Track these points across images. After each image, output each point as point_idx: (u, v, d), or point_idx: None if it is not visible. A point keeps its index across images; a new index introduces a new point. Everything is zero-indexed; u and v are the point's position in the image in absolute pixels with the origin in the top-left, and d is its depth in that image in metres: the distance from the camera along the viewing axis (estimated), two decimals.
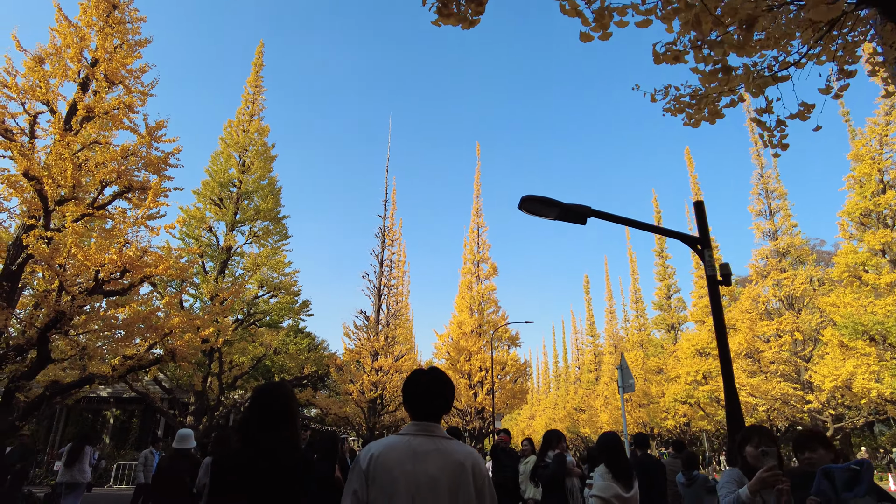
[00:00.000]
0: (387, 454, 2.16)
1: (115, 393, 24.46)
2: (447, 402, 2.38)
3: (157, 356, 10.93)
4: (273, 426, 2.62)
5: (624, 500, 3.80)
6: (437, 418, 2.32)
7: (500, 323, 31.39)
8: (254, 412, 2.65)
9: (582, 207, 3.88)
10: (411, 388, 2.37)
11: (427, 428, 2.24)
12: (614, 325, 52.88)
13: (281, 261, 21.32)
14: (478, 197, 35.20)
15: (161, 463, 5.77)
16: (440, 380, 2.37)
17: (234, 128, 23.65)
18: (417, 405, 2.30)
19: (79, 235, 9.83)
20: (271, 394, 2.69)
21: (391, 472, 2.11)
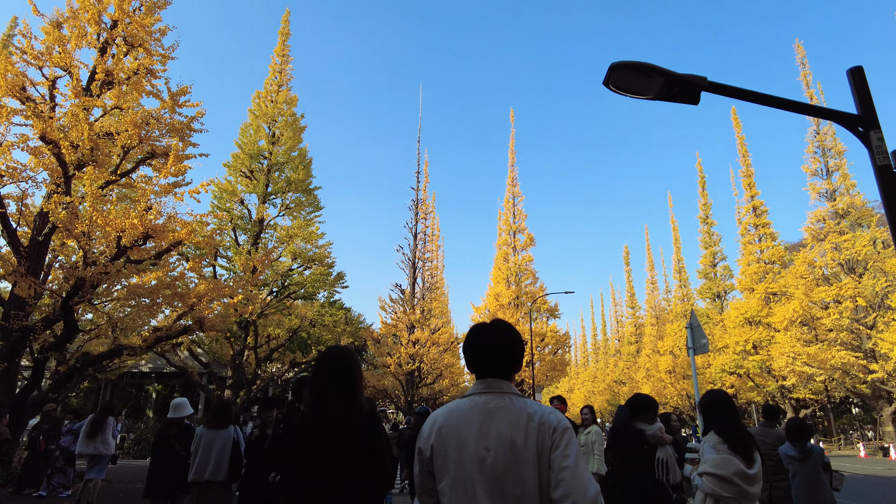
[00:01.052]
0: (451, 418, 1.90)
1: (156, 368, 24.63)
2: (515, 355, 2.03)
3: (184, 326, 10.44)
4: (340, 389, 2.54)
5: (749, 480, 2.80)
6: (506, 375, 1.98)
7: (538, 294, 30.43)
8: (321, 375, 2.56)
9: (695, 78, 2.87)
10: (473, 343, 2.04)
11: (494, 385, 1.93)
12: (656, 295, 51.24)
13: (314, 232, 20.77)
14: (513, 165, 34.02)
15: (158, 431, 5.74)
16: (505, 331, 2.03)
17: (262, 99, 23.03)
18: (481, 361, 1.98)
19: (98, 199, 9.30)
20: (336, 356, 2.61)
21: (458, 435, 1.82)
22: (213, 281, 11.52)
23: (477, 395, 1.92)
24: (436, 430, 1.89)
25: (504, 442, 1.78)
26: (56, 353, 9.99)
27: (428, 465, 1.89)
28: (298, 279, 20.69)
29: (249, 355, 19.91)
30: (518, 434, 1.79)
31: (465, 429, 1.83)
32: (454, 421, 1.88)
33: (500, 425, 1.81)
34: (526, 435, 1.79)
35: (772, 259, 32.99)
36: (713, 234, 40.96)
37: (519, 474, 1.75)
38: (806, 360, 24.90)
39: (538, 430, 1.81)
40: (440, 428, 1.89)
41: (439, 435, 1.88)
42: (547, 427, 1.81)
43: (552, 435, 1.81)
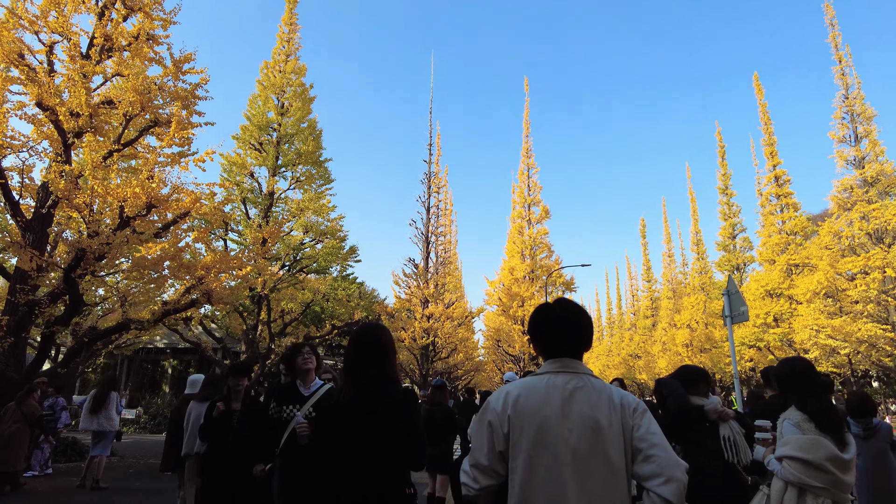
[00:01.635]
0: (529, 396, 1.85)
1: (171, 343, 24.60)
2: (590, 335, 2.01)
3: (192, 299, 10.10)
4: (376, 365, 2.50)
5: (843, 466, 2.33)
6: (578, 355, 1.96)
7: (553, 268, 29.89)
8: (355, 353, 2.53)
9: None
10: (542, 322, 2.00)
11: (569, 365, 1.90)
12: (673, 268, 50.40)
13: (325, 205, 20.35)
14: (527, 136, 33.15)
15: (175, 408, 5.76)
16: (575, 309, 2.00)
17: (270, 69, 22.46)
18: (556, 342, 1.95)
19: (99, 168, 8.90)
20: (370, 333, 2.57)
21: (537, 415, 1.80)
22: (221, 253, 11.15)
23: (552, 375, 1.87)
24: (511, 405, 1.83)
25: (587, 423, 1.75)
26: (62, 327, 9.72)
27: (501, 441, 1.81)
28: (311, 253, 20.34)
29: (263, 330, 19.70)
30: (601, 415, 1.76)
31: (545, 408, 1.78)
32: (533, 399, 1.81)
33: (581, 406, 1.77)
34: (610, 415, 1.76)
35: (794, 230, 32.07)
36: (732, 206, 39.98)
37: (605, 454, 1.73)
38: (830, 333, 24.21)
39: (621, 411, 1.79)
40: (516, 404, 1.82)
41: (516, 411, 1.81)
42: (628, 408, 1.81)
43: (633, 415, 1.79)
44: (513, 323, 29.53)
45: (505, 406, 1.83)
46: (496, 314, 31.44)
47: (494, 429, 1.83)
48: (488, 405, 1.90)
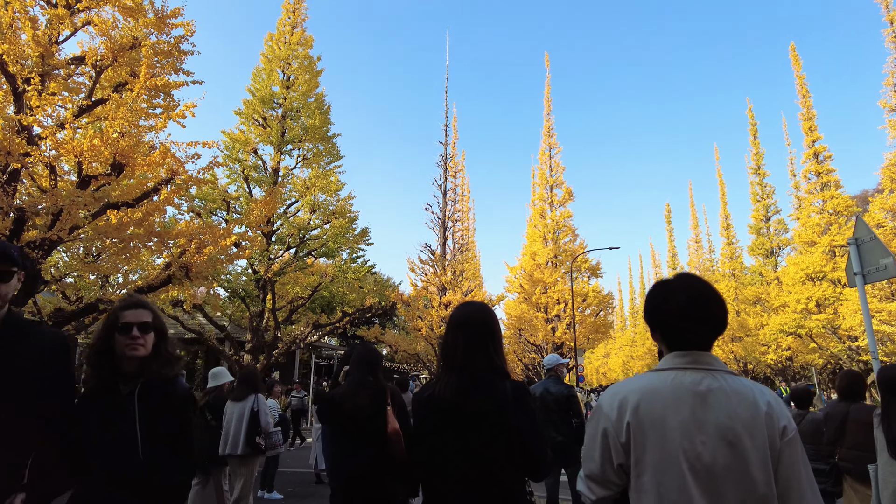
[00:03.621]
0: (651, 400, 1.52)
1: (177, 333, 23.29)
2: (719, 315, 1.60)
3: (167, 275, 8.59)
4: (480, 354, 2.07)
5: None
6: (709, 345, 1.57)
7: (578, 252, 28.03)
8: (454, 338, 2.11)
9: None
10: (663, 305, 1.62)
11: (701, 360, 1.53)
12: (700, 254, 48.16)
13: (333, 182, 18.81)
14: (549, 114, 31.22)
15: None
16: (703, 286, 1.59)
17: (275, 41, 20.91)
18: (677, 328, 1.58)
19: (44, 114, 7.38)
20: (471, 314, 2.14)
21: (662, 423, 1.48)
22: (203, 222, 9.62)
23: (679, 372, 1.54)
24: (630, 411, 1.52)
25: (724, 434, 1.44)
26: (16, 308, 8.26)
27: (620, 454, 1.53)
28: (318, 234, 18.86)
29: (269, 318, 18.29)
30: (742, 424, 1.45)
31: (672, 415, 1.48)
32: (656, 404, 1.52)
33: (717, 413, 1.47)
34: (752, 425, 1.45)
35: (837, 209, 29.74)
36: (766, 186, 37.65)
37: (745, 474, 1.42)
38: (885, 318, 22.06)
39: (767, 422, 1.46)
40: (637, 411, 1.52)
41: (637, 419, 1.51)
42: (776, 422, 1.46)
43: (781, 436, 1.45)
44: (535, 310, 27.79)
45: (621, 412, 1.54)
46: (517, 302, 29.73)
47: (610, 438, 1.55)
48: (600, 410, 1.60)
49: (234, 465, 4.69)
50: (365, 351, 3.09)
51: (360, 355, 3.02)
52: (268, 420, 4.77)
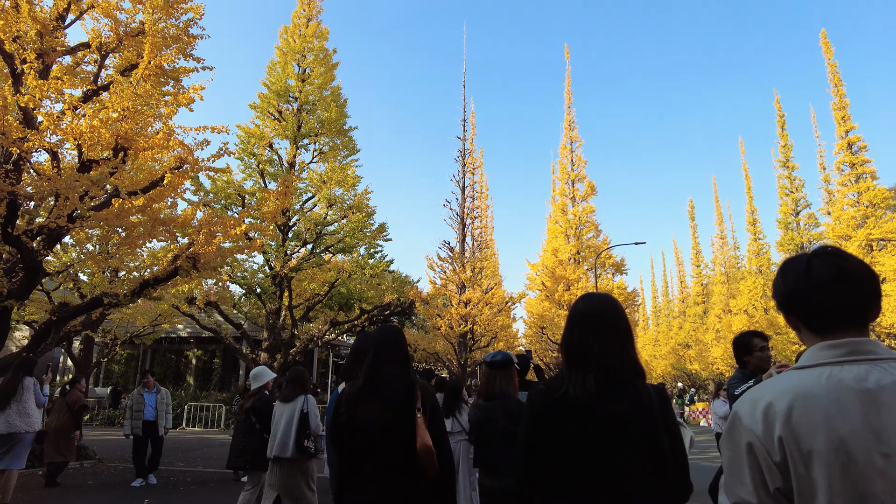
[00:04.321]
0: (805, 405, 1.18)
1: (194, 332, 23.03)
2: (873, 290, 1.28)
3: (174, 267, 8.05)
4: (613, 349, 1.77)
5: None
6: (865, 327, 1.25)
7: (602, 248, 27.16)
8: (583, 330, 1.79)
9: None
10: (803, 281, 1.29)
11: (861, 348, 1.20)
12: (726, 251, 46.83)
13: (350, 176, 18.24)
14: (570, 107, 30.40)
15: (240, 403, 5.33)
16: (846, 256, 1.29)
17: (290, 33, 20.45)
18: (823, 307, 1.27)
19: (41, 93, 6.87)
20: (600, 304, 1.86)
21: (826, 432, 1.14)
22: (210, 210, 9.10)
23: (835, 367, 1.20)
24: (780, 422, 1.18)
25: None
26: (14, 301, 7.79)
27: (776, 476, 1.18)
28: (336, 230, 18.32)
29: (286, 315, 17.79)
30: None
31: (840, 425, 1.14)
32: (815, 411, 1.17)
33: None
34: None
35: (873, 201, 28.43)
36: (795, 179, 36.28)
37: None
38: None
39: None
40: (789, 420, 1.18)
41: (791, 431, 1.18)
42: None
43: None
44: (558, 308, 26.97)
45: (769, 424, 1.20)
46: (538, 300, 28.94)
47: (760, 456, 1.21)
48: (738, 420, 1.27)
49: (285, 467, 4.47)
50: (388, 332, 2.35)
51: (381, 338, 2.30)
52: (318, 422, 4.53)
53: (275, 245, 17.43)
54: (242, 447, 4.96)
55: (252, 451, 4.83)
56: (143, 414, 7.43)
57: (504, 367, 2.95)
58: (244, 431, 5.00)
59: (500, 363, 2.94)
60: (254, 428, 4.89)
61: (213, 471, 8.72)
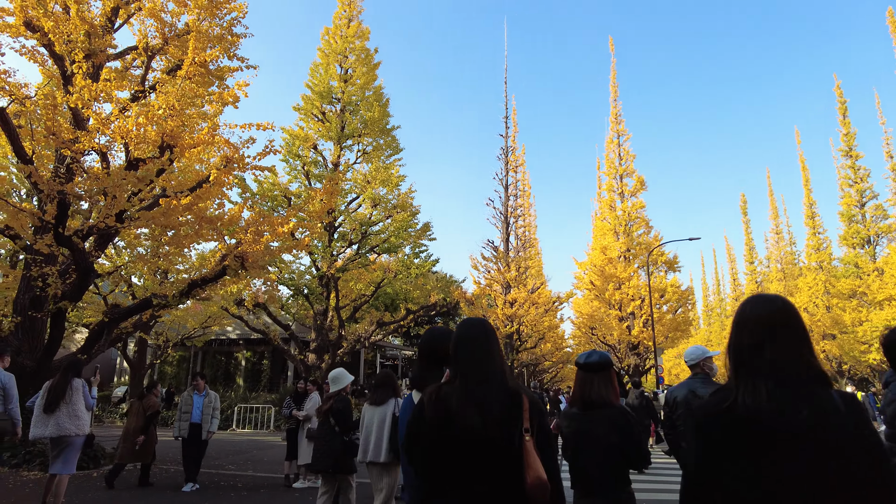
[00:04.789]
0: None
1: (243, 334, 23.25)
2: None
3: (222, 267, 7.87)
4: (789, 350, 1.49)
5: None
6: None
7: (653, 244, 26.07)
8: (749, 327, 1.54)
9: None
10: None
11: None
12: (782, 246, 44.57)
13: (393, 175, 17.98)
14: (615, 100, 29.39)
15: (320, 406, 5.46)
16: None
17: (331, 35, 20.42)
18: None
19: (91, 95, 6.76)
20: (772, 306, 1.55)
21: None
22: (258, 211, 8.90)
23: None
24: None
25: None
26: (69, 302, 7.76)
27: None
28: (381, 230, 18.09)
29: (333, 316, 17.67)
30: None
31: None
32: None
33: None
34: None
35: None
36: (859, 169, 34.11)
37: None
38: None
39: None
40: None
41: None
42: None
43: None
44: (608, 308, 26.06)
45: None
46: (587, 299, 28.06)
47: None
48: None
49: (376, 473, 4.38)
50: (477, 326, 1.84)
51: (470, 334, 1.80)
52: None
53: (321, 246, 17.33)
54: (325, 449, 4.90)
55: (335, 454, 4.80)
56: (190, 416, 7.23)
57: (602, 370, 2.47)
58: (325, 434, 4.96)
59: (598, 365, 2.46)
60: (334, 430, 4.87)
61: (264, 475, 8.49)
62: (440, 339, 2.19)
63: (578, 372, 2.55)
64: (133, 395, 20.50)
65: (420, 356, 2.21)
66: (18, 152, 7.22)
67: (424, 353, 2.20)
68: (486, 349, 1.79)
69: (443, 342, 2.15)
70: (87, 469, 7.84)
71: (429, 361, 2.17)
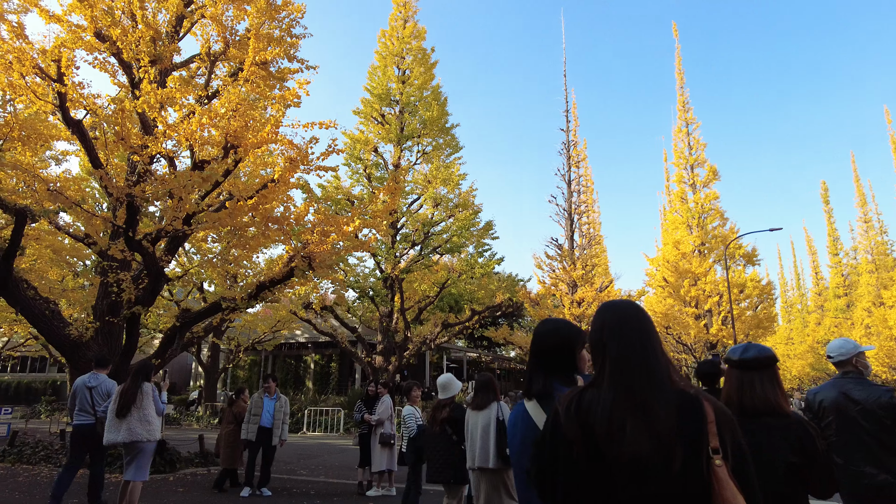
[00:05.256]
0: None
1: (312, 338, 23.50)
2: None
3: (290, 268, 7.68)
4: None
5: None
6: None
7: (730, 237, 24.43)
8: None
9: None
10: None
11: None
12: (871, 236, 41.08)
13: (454, 174, 17.60)
14: (682, 88, 27.87)
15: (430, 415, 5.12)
16: None
17: (388, 37, 20.34)
18: None
19: (159, 98, 6.71)
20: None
21: None
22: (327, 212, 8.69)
23: None
24: None
25: None
26: (142, 307, 7.78)
27: None
28: (443, 230, 17.75)
29: (398, 318, 17.48)
30: None
31: None
32: None
33: None
34: None
35: None
36: None
37: None
38: None
39: None
40: None
41: None
42: None
43: None
44: (682, 305, 24.64)
45: None
46: (660, 297, 26.67)
47: None
48: None
49: (486, 478, 4.16)
50: (626, 308, 1.36)
51: (620, 319, 1.32)
52: None
53: (385, 248, 17.18)
54: (444, 460, 4.79)
55: (454, 464, 4.70)
56: (260, 419, 7.01)
57: (765, 367, 1.89)
58: (443, 443, 4.84)
59: (758, 361, 1.88)
60: (451, 439, 4.77)
61: (336, 481, 8.23)
62: (566, 332, 1.69)
63: (732, 371, 1.98)
64: (207, 398, 21.14)
65: (536, 353, 1.70)
66: (93, 161, 7.31)
67: (544, 350, 1.69)
68: (643, 338, 1.28)
69: (571, 335, 1.65)
70: (164, 473, 7.82)
71: (546, 360, 1.67)
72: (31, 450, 8.68)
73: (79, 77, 7.31)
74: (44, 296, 8.25)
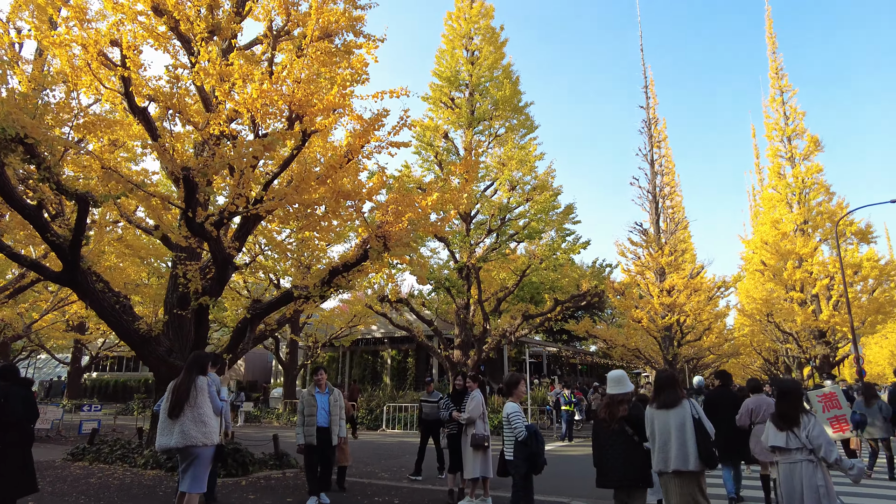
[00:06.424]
0: None
1: (388, 333, 22.95)
2: None
3: (364, 251, 6.83)
4: None
5: None
6: None
7: (838, 213, 21.65)
8: None
9: None
10: None
11: None
12: None
13: (530, 154, 16.37)
14: (774, 52, 25.17)
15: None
16: None
17: (454, 18, 19.35)
18: None
19: (220, 69, 6.03)
20: None
21: None
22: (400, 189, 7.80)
23: None
24: None
25: None
26: (209, 298, 7.18)
27: None
28: (520, 214, 16.56)
29: (475, 310, 16.47)
30: None
31: None
32: None
33: None
34: None
35: None
36: None
37: None
38: None
39: None
40: None
41: None
42: None
43: None
44: (785, 290, 22.14)
45: None
46: (758, 282, 24.19)
47: None
48: None
49: (681, 481, 3.92)
50: None
51: None
52: (711, 427, 4.04)
53: (459, 236, 16.23)
54: (629, 462, 4.32)
55: (640, 467, 4.27)
56: (315, 419, 5.94)
57: None
58: (622, 443, 4.39)
59: None
60: (633, 440, 4.36)
61: (422, 487, 7.31)
62: None
63: None
64: (286, 395, 21.01)
65: None
66: (151, 133, 6.79)
67: None
68: None
69: None
70: (236, 476, 7.17)
71: None
72: (109, 448, 8.36)
73: (141, 59, 6.73)
74: (115, 290, 7.87)
